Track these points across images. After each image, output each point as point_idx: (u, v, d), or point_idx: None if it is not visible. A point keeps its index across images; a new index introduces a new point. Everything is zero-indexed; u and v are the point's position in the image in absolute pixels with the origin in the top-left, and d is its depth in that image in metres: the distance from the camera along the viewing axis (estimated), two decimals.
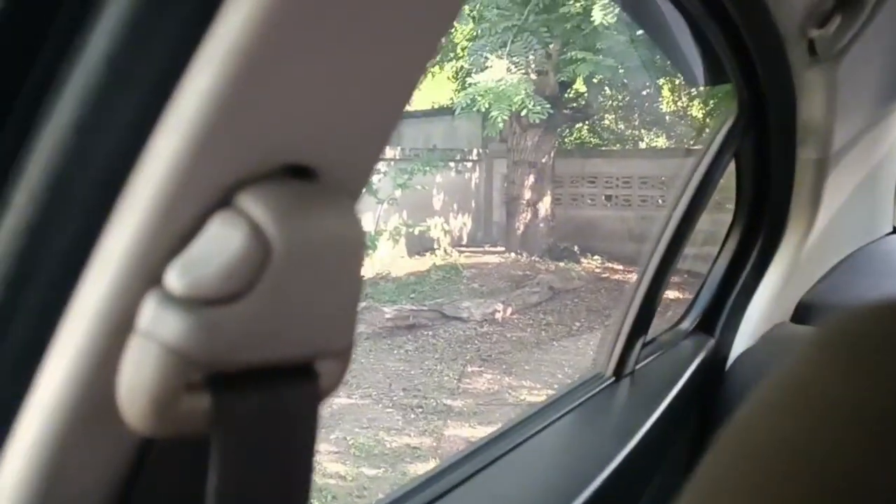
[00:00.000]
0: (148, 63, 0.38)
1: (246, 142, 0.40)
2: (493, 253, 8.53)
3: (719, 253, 1.87)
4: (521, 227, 8.51)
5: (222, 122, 0.38)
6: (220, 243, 0.39)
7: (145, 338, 0.39)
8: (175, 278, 0.39)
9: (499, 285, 7.49)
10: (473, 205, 9.06)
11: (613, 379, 1.54)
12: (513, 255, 8.37)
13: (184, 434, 0.41)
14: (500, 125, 7.18)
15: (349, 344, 0.47)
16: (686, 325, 1.86)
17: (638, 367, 1.60)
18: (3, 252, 0.39)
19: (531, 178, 8.42)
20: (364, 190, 0.49)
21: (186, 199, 0.39)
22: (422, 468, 4.33)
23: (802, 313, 1.90)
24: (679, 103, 8.56)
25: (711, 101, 7.63)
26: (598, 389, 1.49)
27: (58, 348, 0.40)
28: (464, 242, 8.85)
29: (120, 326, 0.40)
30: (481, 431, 4.72)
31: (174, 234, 0.40)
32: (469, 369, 5.93)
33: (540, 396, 5.35)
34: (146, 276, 0.40)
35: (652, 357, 1.69)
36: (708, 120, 7.95)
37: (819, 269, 1.94)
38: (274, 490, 0.44)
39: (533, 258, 8.24)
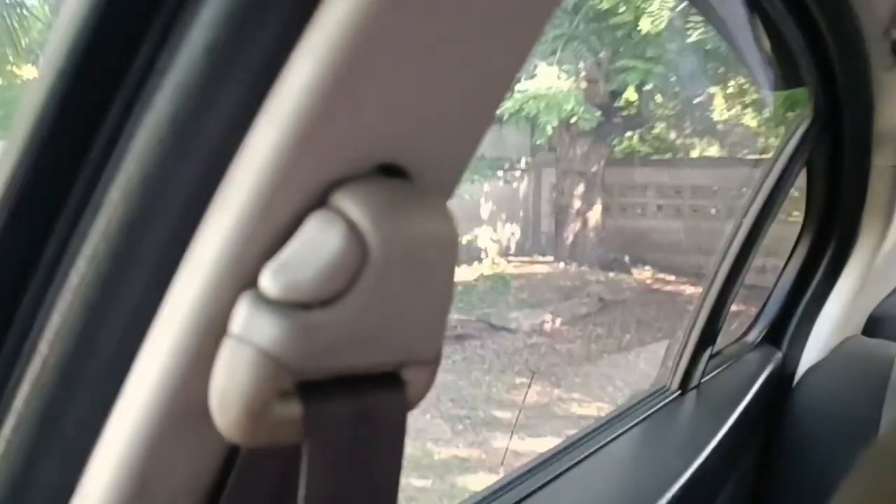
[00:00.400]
0: (247, 58, 0.37)
1: (342, 140, 0.38)
2: (542, 263, 8.47)
3: (787, 262, 1.82)
4: (570, 237, 8.45)
5: (320, 118, 0.37)
6: (316, 244, 0.38)
7: (239, 342, 0.38)
8: (270, 280, 0.38)
9: (547, 296, 7.43)
10: (521, 214, 9.01)
11: (679, 392, 1.50)
12: (562, 265, 8.30)
13: (274, 443, 0.39)
14: (550, 132, 7.14)
15: (438, 352, 0.46)
16: (752, 337, 1.81)
17: (703, 380, 1.56)
18: (95, 251, 0.38)
19: (580, 188, 8.36)
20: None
21: (283, 198, 0.38)
22: (470, 480, 4.31)
23: (874, 326, 1.84)
24: (732, 112, 8.43)
25: (766, 111, 7.51)
26: (664, 403, 1.45)
27: (149, 351, 0.39)
28: (511, 252, 8.80)
29: (212, 329, 0.38)
30: (530, 444, 4.68)
31: (270, 234, 0.38)
32: (517, 381, 5.89)
33: (590, 410, 5.29)
34: (240, 277, 0.38)
35: (717, 370, 1.65)
36: (762, 128, 7.82)
37: (893, 279, 1.87)
38: (363, 501, 0.42)
39: (582, 268, 8.17)
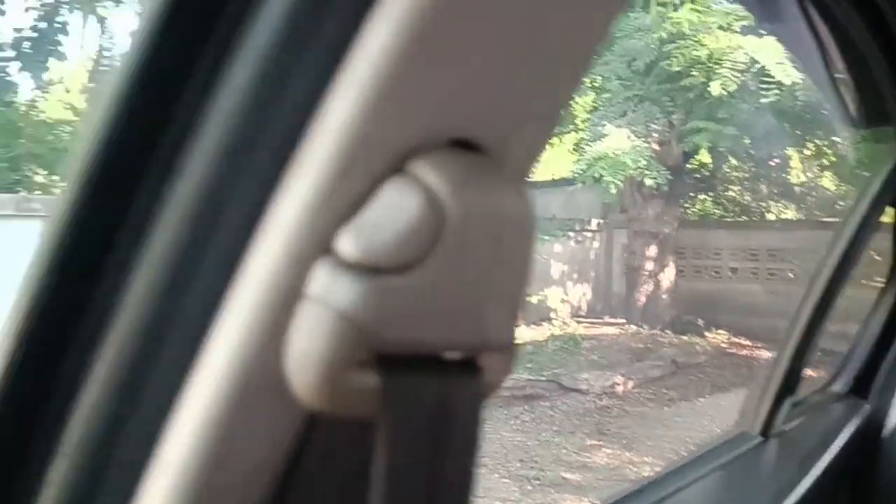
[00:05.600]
0: (325, 23, 0.37)
1: (418, 110, 0.38)
2: (613, 324, 8.34)
3: (873, 309, 1.75)
4: (642, 299, 8.31)
5: (396, 86, 0.37)
6: (394, 209, 0.38)
7: (317, 304, 0.37)
8: (348, 243, 0.38)
9: (619, 357, 7.29)
10: (593, 275, 8.93)
11: (761, 438, 1.44)
12: (633, 326, 8.15)
13: (351, 412, 0.39)
14: (614, 191, 7.10)
15: (513, 338, 0.45)
16: (837, 387, 1.74)
17: (786, 427, 1.50)
18: (172, 220, 0.39)
19: (652, 249, 8.25)
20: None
21: (359, 163, 0.38)
22: None
23: None
24: (809, 174, 8.27)
25: (843, 170, 7.35)
26: (745, 448, 1.40)
27: (226, 319, 0.39)
28: (582, 313, 8.70)
29: (290, 295, 0.38)
30: None
31: (346, 199, 0.38)
32: (588, 443, 5.76)
33: None
34: (317, 242, 0.38)
35: (801, 419, 1.58)
36: (842, 189, 7.64)
37: None
38: (439, 482, 0.41)
39: (654, 331, 8.00)
